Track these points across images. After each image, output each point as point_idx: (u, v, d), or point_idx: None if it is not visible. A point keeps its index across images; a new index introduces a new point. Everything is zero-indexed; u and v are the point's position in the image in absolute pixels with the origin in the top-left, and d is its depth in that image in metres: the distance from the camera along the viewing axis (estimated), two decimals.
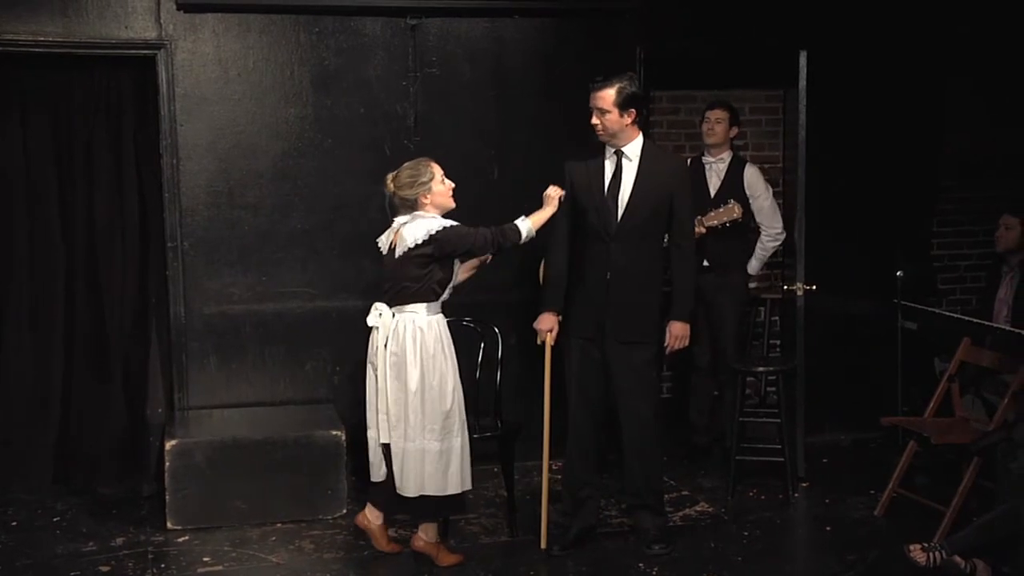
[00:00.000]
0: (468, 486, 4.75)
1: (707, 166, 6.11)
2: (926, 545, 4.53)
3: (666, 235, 4.87)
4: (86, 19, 5.47)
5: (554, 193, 4.79)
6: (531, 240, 4.77)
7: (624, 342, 4.80)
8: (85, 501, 5.66)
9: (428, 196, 4.64)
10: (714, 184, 6.05)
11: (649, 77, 6.20)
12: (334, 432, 5.36)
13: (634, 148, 4.81)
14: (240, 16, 5.65)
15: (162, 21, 5.57)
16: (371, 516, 4.90)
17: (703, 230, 5.79)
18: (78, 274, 5.85)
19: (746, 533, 5.17)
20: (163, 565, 4.85)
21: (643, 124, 4.89)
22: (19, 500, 5.62)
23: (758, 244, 6.10)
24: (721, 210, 5.83)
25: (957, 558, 4.44)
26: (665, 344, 4.87)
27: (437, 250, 4.59)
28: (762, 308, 6.26)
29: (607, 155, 4.85)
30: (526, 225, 4.71)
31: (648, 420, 4.88)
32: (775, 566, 4.87)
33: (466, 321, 5.54)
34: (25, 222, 5.76)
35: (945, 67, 6.79)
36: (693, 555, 4.90)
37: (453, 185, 4.74)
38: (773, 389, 5.99)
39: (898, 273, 6.29)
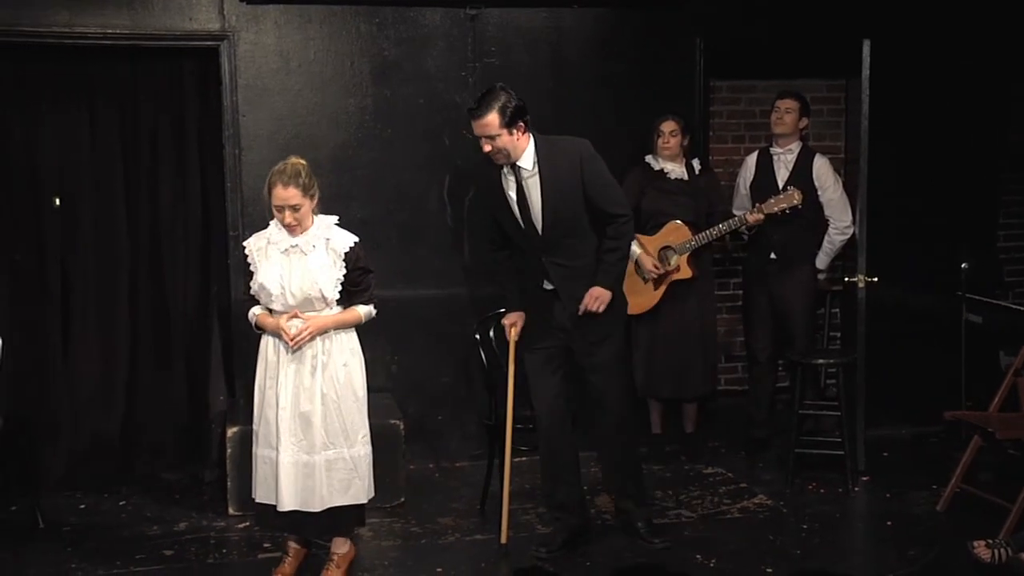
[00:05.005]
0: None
1: (775, 157, 6.02)
2: (991, 542, 4.47)
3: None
4: (152, 12, 5.55)
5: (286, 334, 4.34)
6: None
7: (589, 341, 4.68)
8: (149, 487, 5.76)
9: None
10: (782, 175, 5.95)
11: (708, 66, 6.15)
12: (392, 421, 5.40)
13: (527, 158, 4.53)
14: (301, 7, 5.70)
15: (225, 13, 5.64)
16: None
17: (761, 217, 5.73)
18: (142, 263, 5.94)
19: (804, 526, 5.13)
20: (224, 550, 4.92)
21: (530, 125, 4.55)
22: (87, 485, 5.72)
23: (825, 238, 5.98)
24: (781, 196, 5.75)
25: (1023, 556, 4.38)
26: (583, 303, 4.60)
27: None
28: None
29: (504, 173, 4.59)
30: (252, 313, 4.51)
31: (618, 412, 4.78)
32: (834, 560, 4.81)
33: None
34: (91, 212, 5.85)
35: (1010, 63, 6.66)
36: (751, 547, 4.87)
37: (282, 216, 4.38)
38: (833, 382, 5.92)
39: (963, 265, 6.20)
